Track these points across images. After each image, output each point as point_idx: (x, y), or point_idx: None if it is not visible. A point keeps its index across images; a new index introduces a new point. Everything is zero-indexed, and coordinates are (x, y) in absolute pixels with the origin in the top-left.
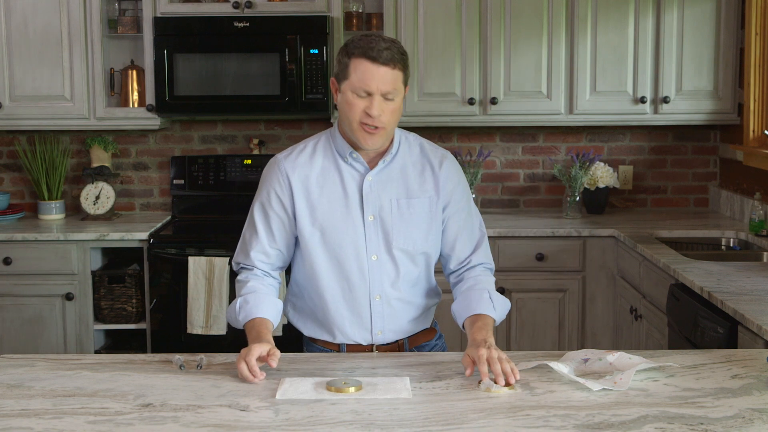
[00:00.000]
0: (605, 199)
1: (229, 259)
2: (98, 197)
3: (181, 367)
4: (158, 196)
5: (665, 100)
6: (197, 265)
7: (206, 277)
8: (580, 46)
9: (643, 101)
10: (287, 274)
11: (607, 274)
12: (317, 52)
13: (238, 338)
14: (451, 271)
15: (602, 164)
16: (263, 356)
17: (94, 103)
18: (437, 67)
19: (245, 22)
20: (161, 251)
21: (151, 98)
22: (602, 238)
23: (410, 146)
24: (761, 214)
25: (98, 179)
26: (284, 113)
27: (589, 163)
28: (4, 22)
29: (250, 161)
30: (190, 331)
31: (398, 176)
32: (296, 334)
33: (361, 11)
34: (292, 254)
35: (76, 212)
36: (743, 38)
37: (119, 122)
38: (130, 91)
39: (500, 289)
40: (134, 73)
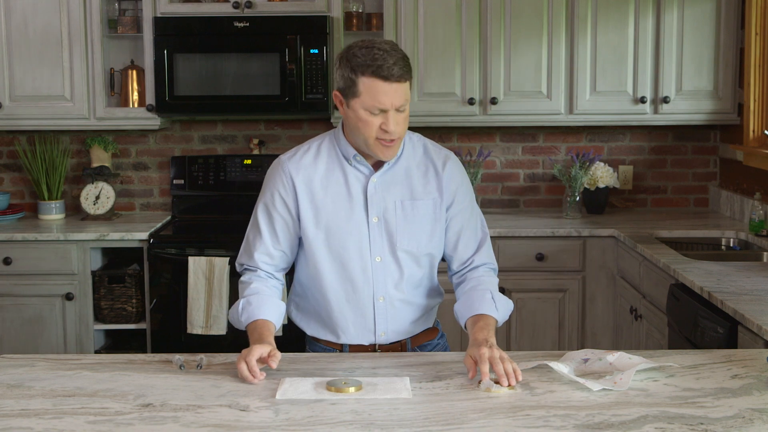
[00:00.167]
0: (605, 199)
1: (229, 259)
2: (98, 197)
3: (181, 367)
4: (158, 196)
5: (665, 100)
6: (197, 265)
7: (206, 277)
8: (580, 46)
9: (643, 101)
10: (290, 274)
11: (607, 274)
12: (317, 52)
13: (238, 338)
14: (454, 271)
15: (602, 164)
16: (264, 357)
17: (94, 103)
18: (437, 67)
19: (245, 22)
20: (161, 251)
21: (151, 98)
22: (602, 238)
23: (414, 147)
24: (761, 214)
25: (98, 179)
26: (284, 113)
27: (589, 163)
28: (4, 22)
29: (250, 161)
30: (190, 331)
31: (402, 178)
32: (296, 334)
33: (361, 11)
34: (295, 255)
35: (76, 212)
36: (743, 38)
37: (119, 122)
38: (130, 91)
39: (500, 289)
40: (134, 73)
